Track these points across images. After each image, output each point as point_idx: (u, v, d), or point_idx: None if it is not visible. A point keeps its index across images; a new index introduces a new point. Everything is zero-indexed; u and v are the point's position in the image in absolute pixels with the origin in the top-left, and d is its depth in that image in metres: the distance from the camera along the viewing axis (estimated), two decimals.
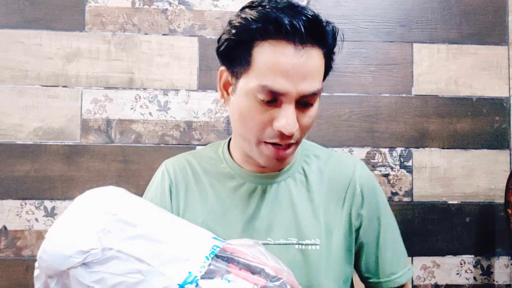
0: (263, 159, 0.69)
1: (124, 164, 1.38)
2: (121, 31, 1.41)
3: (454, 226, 1.46)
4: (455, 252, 1.46)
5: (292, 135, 0.64)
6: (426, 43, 1.48)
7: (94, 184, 1.36)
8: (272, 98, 0.62)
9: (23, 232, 1.35)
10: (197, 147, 1.40)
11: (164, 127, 1.40)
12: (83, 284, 0.50)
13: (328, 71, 0.69)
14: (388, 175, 1.45)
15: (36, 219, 1.35)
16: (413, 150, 1.47)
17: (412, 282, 1.45)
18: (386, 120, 1.46)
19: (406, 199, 1.46)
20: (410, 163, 1.46)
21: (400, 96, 1.47)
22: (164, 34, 1.42)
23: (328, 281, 0.72)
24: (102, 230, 0.52)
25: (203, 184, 0.78)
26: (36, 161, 1.36)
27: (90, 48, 1.40)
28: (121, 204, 0.57)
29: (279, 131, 0.63)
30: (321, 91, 0.65)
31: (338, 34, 0.67)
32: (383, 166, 1.45)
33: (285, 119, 0.62)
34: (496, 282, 1.47)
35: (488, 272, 1.47)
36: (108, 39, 1.40)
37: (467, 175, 1.48)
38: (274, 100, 0.63)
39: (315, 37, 0.62)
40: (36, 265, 0.55)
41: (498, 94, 1.49)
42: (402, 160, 1.46)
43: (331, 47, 0.67)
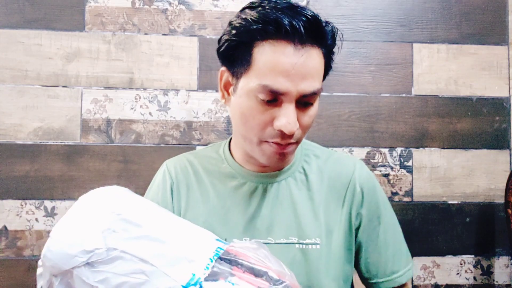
0: (264, 158, 0.69)
1: (124, 164, 1.38)
2: (121, 31, 1.41)
3: (454, 226, 1.46)
4: (455, 252, 1.46)
5: (292, 134, 0.64)
6: (426, 43, 1.48)
7: (94, 184, 1.36)
8: (273, 98, 0.63)
9: (23, 232, 1.35)
10: (197, 147, 1.40)
11: (164, 127, 1.40)
12: (86, 284, 0.50)
13: (328, 71, 0.70)
14: (388, 175, 1.45)
15: (36, 219, 1.35)
16: (413, 150, 1.47)
17: (412, 282, 1.45)
18: (386, 120, 1.46)
19: (406, 199, 1.46)
20: (410, 163, 1.46)
21: (400, 96, 1.47)
22: (164, 34, 1.42)
23: (328, 280, 0.73)
24: (107, 230, 0.52)
25: (205, 183, 0.78)
26: (36, 161, 1.36)
27: (90, 48, 1.40)
28: (125, 204, 0.57)
29: (280, 131, 0.64)
30: (321, 90, 0.65)
31: (337, 34, 0.68)
32: (383, 166, 1.45)
33: (285, 118, 0.62)
34: (496, 282, 1.47)
35: (488, 272, 1.47)
36: (108, 39, 1.40)
37: (467, 175, 1.48)
38: (275, 100, 0.63)
39: (314, 37, 0.62)
40: (40, 263, 0.55)
41: (498, 94, 1.49)
42: (402, 160, 1.46)
43: (331, 47, 0.67)
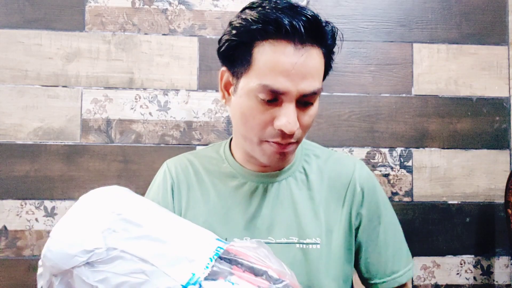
0: (265, 158, 0.69)
1: (124, 164, 1.38)
2: (121, 31, 1.41)
3: (454, 226, 1.46)
4: (455, 252, 1.46)
5: (293, 133, 0.64)
6: (426, 43, 1.48)
7: (94, 184, 1.36)
8: (273, 98, 0.63)
9: (23, 232, 1.35)
10: (197, 147, 1.40)
11: (164, 127, 1.40)
12: (86, 284, 0.50)
13: (328, 70, 0.70)
14: (388, 175, 1.45)
15: (36, 219, 1.35)
16: (413, 150, 1.47)
17: (412, 282, 1.45)
18: (386, 120, 1.46)
19: (406, 199, 1.46)
20: (410, 163, 1.46)
21: (400, 96, 1.47)
22: (164, 34, 1.42)
23: (328, 280, 0.73)
24: (107, 229, 0.52)
25: (205, 183, 0.78)
26: (36, 161, 1.36)
27: (90, 48, 1.40)
28: (125, 203, 0.57)
29: (280, 130, 0.64)
30: (321, 90, 0.66)
31: (337, 34, 0.68)
32: (383, 166, 1.45)
33: (286, 118, 0.63)
34: (496, 282, 1.47)
35: (488, 272, 1.47)
36: (108, 39, 1.40)
37: (467, 175, 1.48)
38: (275, 100, 0.63)
39: (314, 37, 0.62)
40: (40, 263, 0.55)
41: (498, 94, 1.49)
42: (402, 160, 1.46)
43: (331, 47, 0.67)
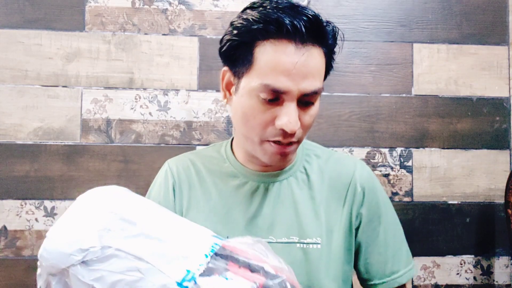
0: (266, 157, 0.69)
1: (124, 164, 1.38)
2: (121, 31, 1.41)
3: (454, 226, 1.46)
4: (455, 252, 1.46)
5: (294, 133, 0.64)
6: (426, 43, 1.48)
7: (94, 184, 1.36)
8: (274, 97, 0.63)
9: (23, 232, 1.35)
10: (197, 147, 1.40)
11: (164, 127, 1.40)
12: (83, 282, 0.50)
13: (329, 70, 0.70)
14: (388, 175, 1.45)
15: (36, 219, 1.35)
16: (413, 150, 1.47)
17: (412, 282, 1.45)
18: (386, 120, 1.46)
19: (406, 199, 1.46)
20: (410, 163, 1.46)
21: (400, 96, 1.47)
22: (164, 34, 1.42)
23: (328, 280, 0.73)
24: (103, 228, 0.52)
25: (206, 183, 0.78)
26: (36, 161, 1.36)
27: (90, 48, 1.39)
28: (122, 203, 0.57)
29: (281, 129, 0.64)
30: (322, 90, 0.66)
31: (338, 34, 0.68)
32: (383, 166, 1.45)
33: (287, 117, 0.63)
34: (496, 282, 1.47)
35: (488, 272, 1.47)
36: (108, 39, 1.40)
37: (467, 175, 1.48)
38: (276, 99, 0.63)
39: (315, 36, 0.63)
40: (38, 264, 0.55)
41: (498, 94, 1.49)
42: (402, 160, 1.46)
43: (332, 47, 0.68)
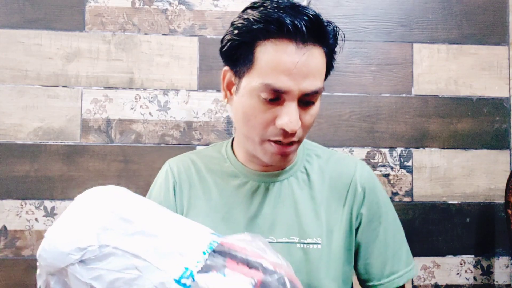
0: (267, 157, 0.69)
1: (124, 164, 1.38)
2: (121, 31, 1.41)
3: (454, 226, 1.46)
4: (455, 252, 1.46)
5: (295, 132, 0.64)
6: (427, 43, 1.48)
7: (94, 184, 1.35)
8: (275, 97, 0.63)
9: (23, 232, 1.35)
10: (197, 147, 1.40)
11: (164, 127, 1.40)
12: (81, 281, 0.50)
13: (330, 70, 0.70)
14: (388, 175, 1.46)
15: (36, 219, 1.35)
16: (413, 150, 1.47)
17: (412, 282, 1.45)
18: (386, 120, 1.46)
19: (406, 199, 1.46)
20: (410, 163, 1.46)
21: (400, 96, 1.47)
22: (164, 34, 1.42)
23: (329, 280, 0.73)
24: (101, 227, 0.52)
25: (207, 182, 0.78)
26: (36, 161, 1.36)
27: (90, 48, 1.39)
28: (120, 202, 0.57)
29: (282, 129, 0.64)
30: (322, 89, 0.66)
31: (339, 34, 0.68)
32: (383, 166, 1.45)
33: (288, 117, 0.63)
34: (496, 282, 1.47)
35: (488, 272, 1.47)
36: (108, 39, 1.40)
37: (467, 175, 1.48)
38: (277, 99, 0.63)
39: (316, 36, 0.63)
40: (38, 264, 0.55)
41: (498, 94, 1.49)
42: (402, 160, 1.46)
43: (332, 46, 0.67)
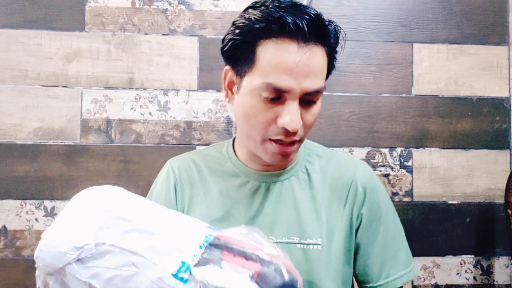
0: (268, 157, 0.69)
1: (124, 164, 1.38)
2: (121, 31, 1.40)
3: (454, 226, 1.46)
4: (455, 252, 1.46)
5: (296, 131, 0.64)
6: (427, 43, 1.48)
7: (94, 184, 1.34)
8: (276, 96, 0.63)
9: (22, 232, 1.35)
10: (197, 147, 1.40)
11: (164, 127, 1.40)
12: (79, 280, 0.50)
13: (331, 69, 0.70)
14: (388, 175, 1.46)
15: (36, 219, 1.35)
16: (413, 150, 1.47)
17: (412, 282, 1.45)
18: (386, 120, 1.46)
19: (406, 199, 1.46)
20: (410, 163, 1.46)
21: (400, 96, 1.47)
22: (164, 34, 1.42)
23: (329, 281, 0.72)
24: (97, 226, 0.53)
25: (208, 182, 0.78)
26: (36, 161, 1.36)
27: (90, 48, 1.39)
28: (116, 201, 0.58)
29: (284, 128, 0.64)
30: (324, 89, 0.66)
31: (340, 33, 0.68)
32: (383, 166, 1.45)
33: (289, 116, 0.63)
34: (496, 282, 1.47)
35: (488, 272, 1.47)
36: (108, 39, 1.40)
37: (467, 175, 1.48)
38: (278, 98, 0.63)
39: (317, 35, 0.63)
40: (36, 265, 0.55)
41: (498, 94, 1.49)
42: (402, 160, 1.46)
43: (334, 46, 0.68)
